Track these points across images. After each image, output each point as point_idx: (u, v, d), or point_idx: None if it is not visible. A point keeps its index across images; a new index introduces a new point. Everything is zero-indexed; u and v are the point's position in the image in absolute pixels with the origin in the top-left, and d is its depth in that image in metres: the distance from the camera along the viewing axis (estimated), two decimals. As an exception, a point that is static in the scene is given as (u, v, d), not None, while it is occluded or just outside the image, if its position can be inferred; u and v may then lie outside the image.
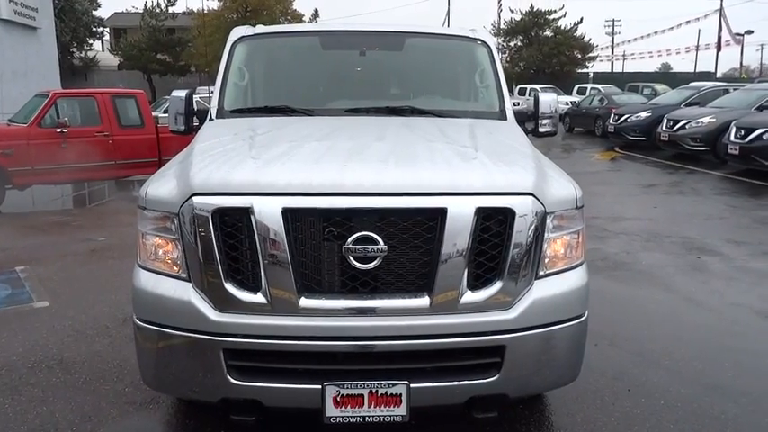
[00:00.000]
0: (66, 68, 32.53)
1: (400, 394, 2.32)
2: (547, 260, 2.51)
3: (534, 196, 2.41)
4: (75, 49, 37.13)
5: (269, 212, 2.28)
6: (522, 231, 2.37)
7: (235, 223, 2.34)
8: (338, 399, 2.31)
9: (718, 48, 44.90)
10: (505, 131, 3.40)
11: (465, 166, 2.52)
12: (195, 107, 4.03)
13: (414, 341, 2.32)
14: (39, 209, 9.90)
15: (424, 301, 2.34)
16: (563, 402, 3.24)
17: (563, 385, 2.65)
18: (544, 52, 41.80)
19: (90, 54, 39.05)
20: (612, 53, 54.49)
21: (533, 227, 2.39)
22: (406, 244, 2.34)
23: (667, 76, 41.40)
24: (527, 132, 4.04)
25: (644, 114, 16.59)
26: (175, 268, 2.46)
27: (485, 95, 4.01)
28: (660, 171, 12.93)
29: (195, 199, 2.35)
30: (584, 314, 2.59)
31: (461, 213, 2.31)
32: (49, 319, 4.38)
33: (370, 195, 2.32)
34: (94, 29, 38.51)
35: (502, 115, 3.78)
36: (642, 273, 5.80)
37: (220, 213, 2.33)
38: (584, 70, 43.63)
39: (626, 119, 16.89)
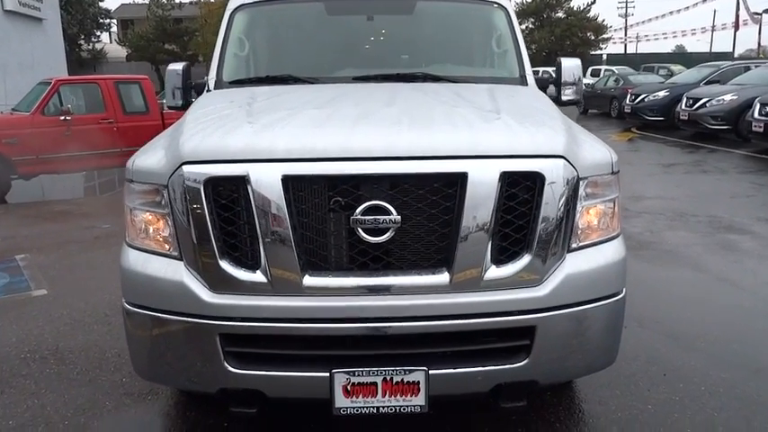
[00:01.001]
0: (75, 61, 32.49)
1: (418, 382, 2.07)
2: (580, 231, 2.24)
3: (566, 159, 2.14)
4: (82, 42, 37.10)
5: (267, 181, 2.03)
6: (552, 199, 2.10)
7: (230, 194, 2.09)
8: (348, 388, 2.07)
9: (736, 27, 43.89)
10: (528, 95, 3.11)
11: (487, 126, 2.24)
12: (193, 81, 3.78)
13: (432, 322, 2.06)
14: (47, 199, 9.74)
15: (443, 277, 2.08)
16: (594, 389, 2.98)
17: (598, 370, 2.39)
18: (556, 34, 41.10)
19: (98, 46, 39.05)
20: (626, 34, 53.55)
21: (565, 194, 2.12)
22: (421, 214, 2.08)
23: (682, 57, 40.49)
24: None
25: (662, 93, 16.11)
26: (166, 246, 2.22)
27: (503, 61, 3.71)
28: (680, 150, 12.52)
29: (185, 168, 2.10)
30: (621, 292, 2.32)
31: (484, 179, 2.04)
32: (47, 308, 4.18)
33: (382, 160, 2.05)
34: (102, 20, 38.47)
35: (522, 81, 3.49)
36: (669, 252, 5.49)
37: (213, 183, 2.08)
38: (598, 52, 42.89)
39: (643, 98, 16.42)
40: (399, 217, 2.03)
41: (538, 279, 2.12)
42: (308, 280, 2.06)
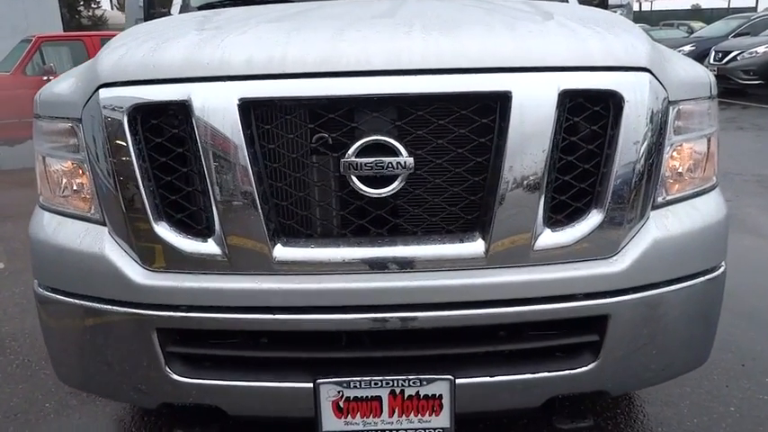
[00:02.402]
0: (75, 27, 31.58)
1: (440, 396, 1.44)
2: (668, 180, 1.58)
3: (652, 74, 1.46)
4: (81, 8, 36.07)
5: (218, 107, 1.38)
6: (632, 131, 1.43)
7: (166, 129, 1.45)
8: (341, 404, 1.45)
9: (759, -20, 41.85)
10: (581, 6, 2.38)
11: (537, 28, 1.55)
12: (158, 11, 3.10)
13: (460, 312, 1.42)
14: (31, 165, 9.13)
15: (475, 246, 1.43)
16: (659, 386, 2.34)
17: (688, 371, 1.76)
18: (569, -7, 39.46)
19: (98, 12, 38.00)
20: (641, -8, 51.41)
21: (651, 124, 1.45)
22: (443, 155, 1.43)
23: (699, 14, 38.83)
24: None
25: (687, 48, 15.07)
26: (83, 205, 1.59)
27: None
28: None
29: (103, 92, 1.45)
30: (721, 265, 1.67)
31: (535, 101, 1.38)
32: (-1, 285, 3.60)
33: (385, 74, 1.39)
34: (101, -15, 37.31)
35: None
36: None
37: (143, 114, 1.43)
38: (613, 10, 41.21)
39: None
40: (411, 159, 1.38)
41: (612, 247, 1.47)
42: (281, 251, 1.43)
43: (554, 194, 1.46)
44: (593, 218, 1.46)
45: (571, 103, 1.42)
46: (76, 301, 1.55)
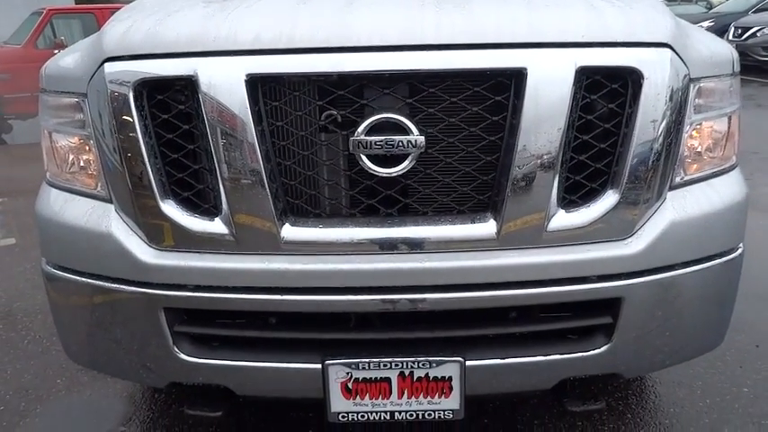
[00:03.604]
0: (86, 0, 31.37)
1: (450, 378, 1.43)
2: (687, 159, 1.54)
3: (673, 50, 1.41)
4: (91, -20, 35.83)
5: (225, 83, 1.35)
6: (652, 109, 1.39)
7: (172, 104, 1.42)
8: (349, 385, 1.44)
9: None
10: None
11: (554, 2, 1.49)
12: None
13: (470, 294, 1.40)
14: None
15: (487, 227, 1.40)
16: (671, 367, 2.32)
17: (701, 354, 1.73)
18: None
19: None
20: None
21: (670, 101, 1.40)
22: (455, 133, 1.40)
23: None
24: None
25: (706, 24, 14.63)
26: (90, 182, 1.57)
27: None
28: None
29: (108, 67, 1.42)
30: (739, 246, 1.63)
31: (551, 78, 1.34)
32: (10, 260, 3.62)
33: (396, 50, 1.35)
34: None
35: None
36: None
37: (149, 89, 1.40)
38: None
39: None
40: (422, 138, 1.34)
41: (627, 229, 1.44)
42: (289, 231, 1.40)
43: (569, 174, 1.42)
44: (609, 199, 1.42)
45: (588, 80, 1.38)
46: (83, 279, 1.54)
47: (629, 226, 1.44)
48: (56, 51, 8.66)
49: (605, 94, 1.40)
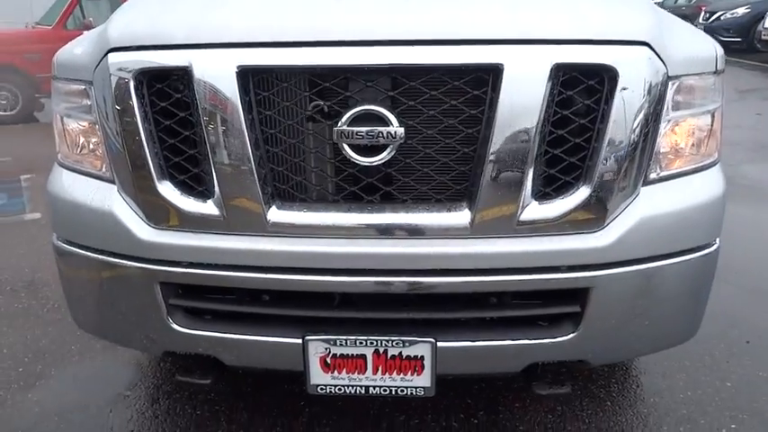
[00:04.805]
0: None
1: (422, 357, 1.52)
2: (663, 155, 1.58)
3: (651, 48, 1.45)
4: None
5: (217, 74, 1.43)
6: (627, 106, 1.43)
7: (169, 93, 1.51)
8: (328, 360, 1.54)
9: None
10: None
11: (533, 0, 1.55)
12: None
13: (443, 278, 1.48)
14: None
15: (461, 216, 1.47)
16: (658, 357, 2.37)
17: (672, 346, 1.79)
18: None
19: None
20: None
21: (646, 99, 1.45)
22: (434, 125, 1.46)
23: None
24: None
25: (741, 11, 14.29)
26: (95, 164, 1.69)
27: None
28: (760, 75, 11.14)
29: (111, 57, 1.52)
30: (714, 242, 1.67)
31: (527, 74, 1.39)
32: (35, 233, 3.80)
33: (379, 45, 1.42)
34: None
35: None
36: (750, 189, 4.68)
37: (149, 78, 1.50)
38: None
39: (719, 17, 14.63)
40: (402, 129, 1.42)
41: (598, 222, 1.49)
42: (275, 214, 1.50)
43: (543, 168, 1.48)
44: (581, 192, 1.48)
45: (565, 76, 1.43)
46: (89, 253, 1.66)
47: (601, 219, 1.49)
48: (84, 32, 8.89)
49: (582, 91, 1.45)
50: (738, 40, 14.03)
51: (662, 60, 1.47)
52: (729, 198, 1.66)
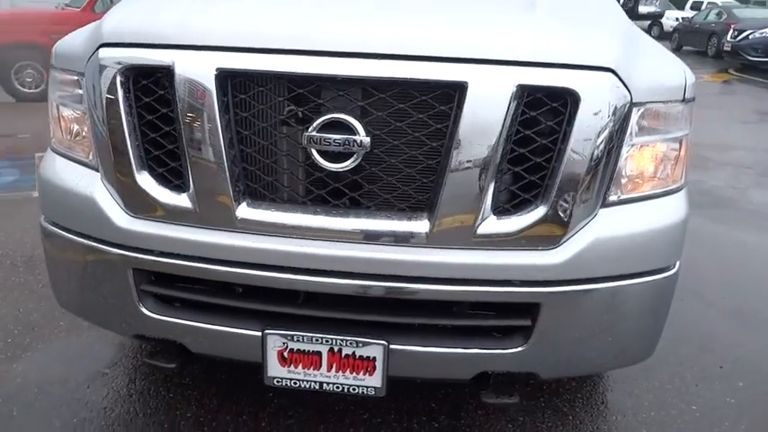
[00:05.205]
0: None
1: (374, 358, 1.58)
2: (625, 179, 1.62)
3: (615, 74, 1.49)
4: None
5: (197, 75, 1.51)
6: (588, 130, 1.48)
7: (153, 90, 1.59)
8: (285, 354, 1.61)
9: None
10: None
11: (503, 20, 1.60)
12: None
13: (398, 284, 1.54)
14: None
15: (420, 225, 1.53)
16: (627, 375, 2.41)
17: (625, 366, 1.83)
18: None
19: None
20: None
21: (608, 124, 1.49)
22: (401, 137, 1.52)
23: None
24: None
25: (775, 28, 14.15)
26: (84, 152, 1.77)
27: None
28: (784, 98, 10.98)
29: (102, 51, 1.60)
30: (672, 266, 1.70)
31: (491, 93, 1.44)
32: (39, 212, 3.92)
33: (351, 57, 1.48)
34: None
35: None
36: (752, 213, 4.65)
37: (135, 74, 1.58)
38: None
39: (747, 36, 14.49)
40: (368, 139, 1.48)
41: (554, 240, 1.54)
42: (243, 211, 1.57)
43: (504, 184, 1.53)
44: (539, 210, 1.52)
45: (530, 97, 1.47)
46: (71, 236, 1.74)
47: (556, 237, 1.54)
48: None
49: (545, 112, 1.50)
50: (766, 60, 13.91)
51: (626, 87, 1.51)
52: (731, 222, 1.68)
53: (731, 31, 15.23)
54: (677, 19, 22.04)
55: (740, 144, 7.05)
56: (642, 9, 2.96)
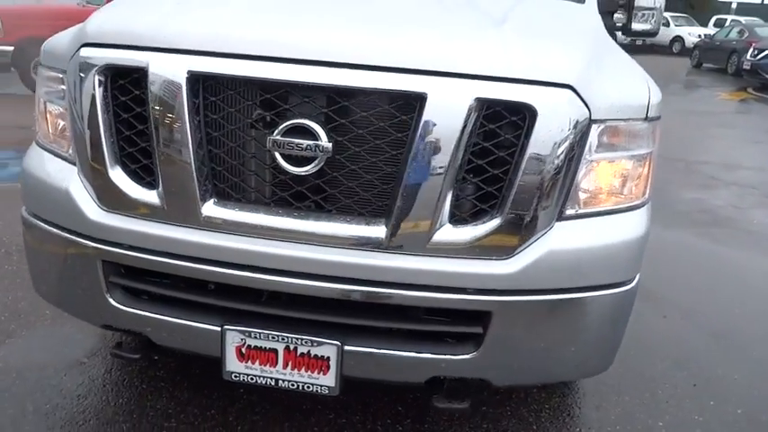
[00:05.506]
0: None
1: (328, 358, 1.62)
2: (582, 193, 1.64)
3: (574, 90, 1.52)
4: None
5: (169, 76, 1.56)
6: (544, 144, 1.51)
7: (129, 89, 1.65)
8: (243, 350, 1.65)
9: None
10: (573, 13, 2.37)
11: (470, 34, 1.64)
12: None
13: (353, 287, 1.58)
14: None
15: (377, 231, 1.57)
16: (597, 388, 2.42)
17: (579, 378, 1.85)
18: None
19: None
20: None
21: (565, 139, 1.52)
22: (362, 144, 1.56)
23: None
24: (616, 29, 3.01)
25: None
26: (64, 146, 1.84)
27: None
28: (800, 119, 10.85)
29: (83, 50, 1.67)
30: (631, 281, 1.72)
31: (449, 105, 1.48)
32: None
33: (316, 65, 1.53)
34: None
35: (578, -3, 2.74)
36: (751, 234, 4.62)
37: (113, 73, 1.64)
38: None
39: (767, 54, 14.35)
40: (330, 144, 1.52)
41: (507, 250, 1.57)
42: (208, 209, 1.62)
43: (461, 194, 1.57)
44: (494, 221, 1.56)
45: (486, 110, 1.51)
46: (48, 227, 1.81)
47: (510, 248, 1.57)
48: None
49: (504, 125, 1.53)
50: None
51: (585, 104, 1.54)
52: (727, 242, 1.67)
53: (752, 49, 15.09)
54: (699, 36, 21.89)
55: (749, 164, 6.99)
56: (636, 26, 2.97)
